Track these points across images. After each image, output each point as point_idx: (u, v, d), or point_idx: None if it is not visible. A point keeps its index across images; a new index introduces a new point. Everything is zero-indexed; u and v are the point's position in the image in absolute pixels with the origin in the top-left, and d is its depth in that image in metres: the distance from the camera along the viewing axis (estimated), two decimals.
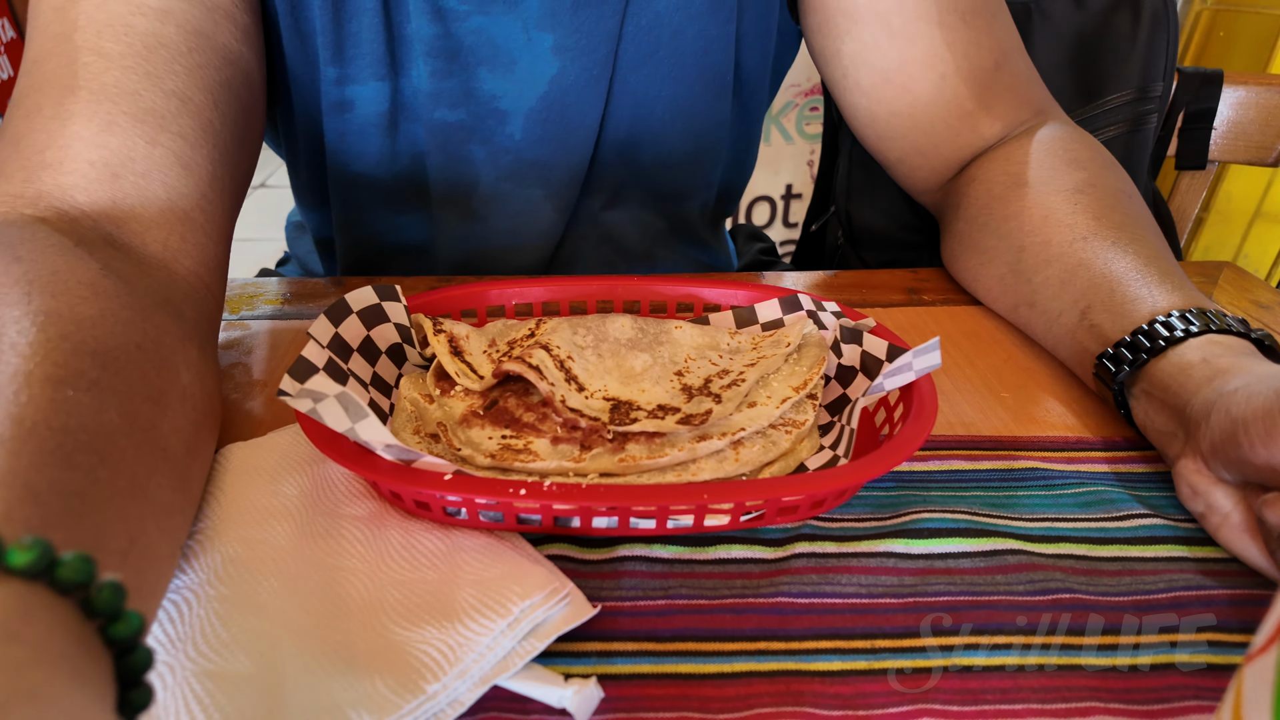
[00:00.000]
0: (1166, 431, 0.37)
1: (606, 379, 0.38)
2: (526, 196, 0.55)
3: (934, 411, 0.33)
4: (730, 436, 0.34)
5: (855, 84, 0.53)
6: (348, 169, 0.53)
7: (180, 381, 0.32)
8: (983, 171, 0.51)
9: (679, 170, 0.58)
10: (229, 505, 0.31)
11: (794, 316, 0.43)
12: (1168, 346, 0.37)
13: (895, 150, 0.55)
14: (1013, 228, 0.47)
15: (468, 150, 0.52)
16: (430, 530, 0.32)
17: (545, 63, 0.49)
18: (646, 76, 0.52)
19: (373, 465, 0.30)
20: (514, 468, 0.33)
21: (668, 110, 0.54)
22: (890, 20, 0.49)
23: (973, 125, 0.52)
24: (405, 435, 0.36)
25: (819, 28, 0.53)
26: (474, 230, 0.56)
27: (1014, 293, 0.47)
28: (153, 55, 0.39)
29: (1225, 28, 1.57)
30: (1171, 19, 0.70)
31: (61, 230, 0.34)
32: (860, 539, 0.33)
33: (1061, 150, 0.49)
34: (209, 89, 0.40)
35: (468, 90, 0.50)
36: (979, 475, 0.37)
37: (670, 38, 0.51)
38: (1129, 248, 0.42)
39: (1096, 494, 0.37)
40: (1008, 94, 0.52)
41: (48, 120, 0.37)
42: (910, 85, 0.51)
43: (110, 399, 0.26)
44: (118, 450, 0.25)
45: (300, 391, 0.29)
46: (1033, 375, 0.45)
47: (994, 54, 0.51)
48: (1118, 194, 0.46)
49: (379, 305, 0.38)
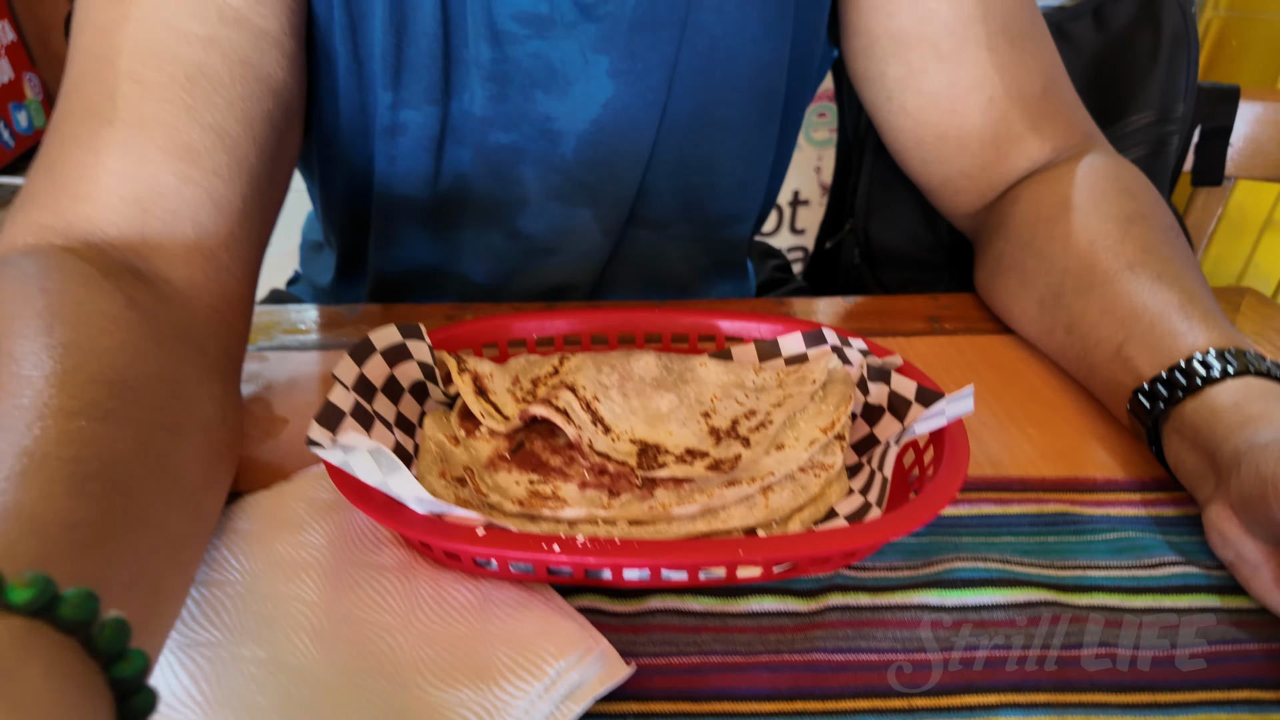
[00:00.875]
0: (1197, 474, 0.36)
1: (633, 420, 0.37)
2: (575, 216, 0.55)
3: (966, 460, 0.33)
4: (759, 482, 0.34)
5: (900, 107, 0.52)
6: (394, 192, 0.53)
7: (201, 413, 0.32)
8: (1029, 193, 0.50)
9: (727, 194, 0.58)
10: (257, 559, 0.31)
11: (818, 351, 0.43)
12: (1204, 386, 0.37)
13: (940, 174, 0.54)
14: (1058, 250, 0.47)
15: (518, 171, 0.52)
16: (460, 581, 0.31)
17: (600, 85, 0.49)
18: (700, 101, 0.52)
19: (405, 519, 0.29)
20: (543, 515, 0.33)
21: (719, 134, 0.54)
22: (939, 44, 0.49)
23: (1021, 148, 0.51)
24: (431, 479, 0.36)
25: (862, 51, 0.53)
26: (517, 249, 0.56)
27: (1052, 316, 0.47)
28: (194, 87, 0.38)
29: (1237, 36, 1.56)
30: (1192, 38, 0.69)
31: (89, 261, 0.34)
32: (894, 590, 0.33)
33: (1113, 178, 0.48)
34: (248, 122, 0.40)
35: (523, 113, 0.50)
36: (1009, 520, 0.37)
37: (725, 61, 0.51)
38: (1174, 283, 0.42)
39: (1128, 540, 0.36)
40: (1055, 117, 0.51)
41: (83, 150, 0.37)
42: (958, 108, 0.51)
43: (124, 427, 0.27)
44: (130, 478, 0.25)
45: (331, 444, 0.29)
46: (1059, 410, 0.45)
47: (1041, 77, 0.51)
48: (1166, 229, 0.45)
49: (403, 344, 0.38)
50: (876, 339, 0.51)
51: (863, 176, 0.73)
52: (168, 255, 0.37)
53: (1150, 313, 0.41)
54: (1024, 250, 0.49)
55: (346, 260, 0.63)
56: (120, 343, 0.30)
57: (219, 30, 0.39)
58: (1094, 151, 0.51)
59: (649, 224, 0.58)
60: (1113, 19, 0.70)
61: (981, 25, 0.49)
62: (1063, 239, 0.47)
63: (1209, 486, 0.35)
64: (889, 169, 0.72)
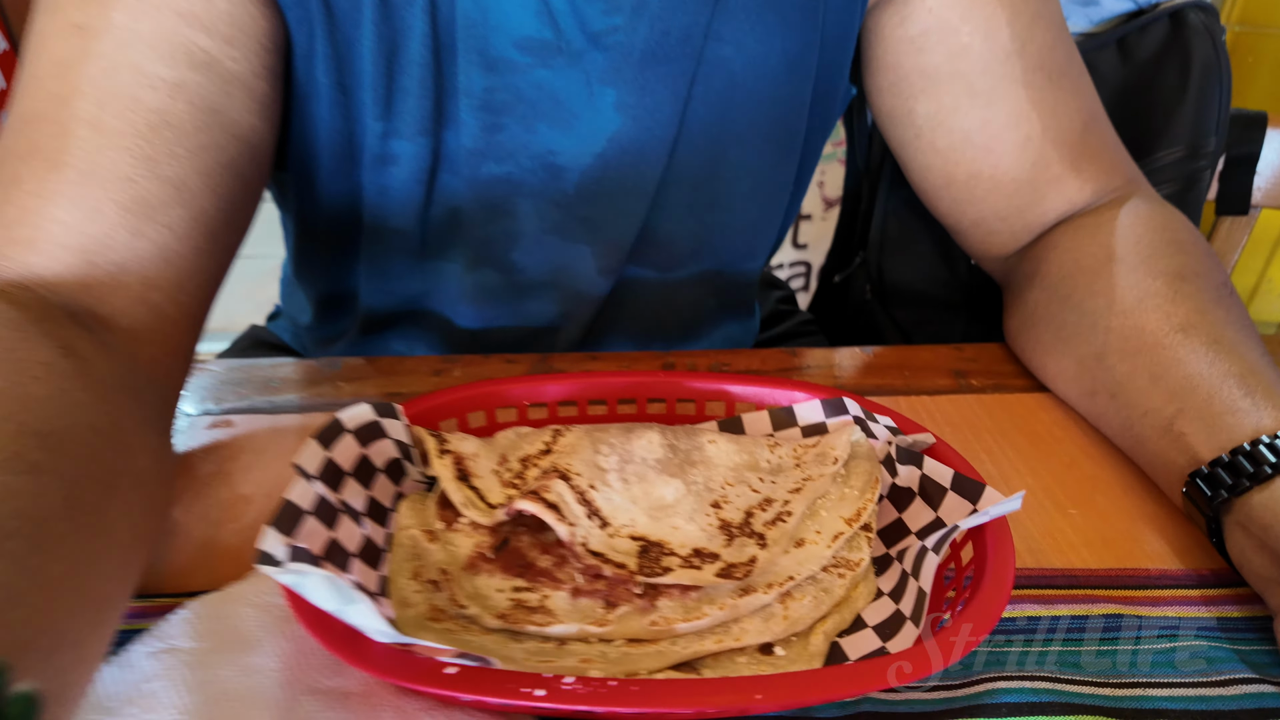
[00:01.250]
0: (1267, 577, 0.32)
1: (634, 511, 0.33)
2: (573, 252, 0.52)
3: (1013, 569, 0.29)
4: (778, 588, 0.30)
5: (930, 145, 0.49)
6: (385, 224, 0.50)
7: (136, 466, 0.30)
8: (1068, 240, 0.47)
9: (739, 235, 0.55)
10: (198, 692, 0.27)
11: (838, 421, 0.39)
12: (1274, 475, 0.33)
13: (972, 215, 0.51)
14: (1101, 305, 0.43)
15: (513, 203, 0.49)
16: (430, 710, 0.27)
17: (606, 119, 0.46)
18: (714, 140, 0.49)
19: (365, 652, 0.25)
20: (527, 631, 0.29)
21: (733, 173, 0.51)
22: (973, 81, 0.46)
23: (1059, 190, 0.48)
24: (403, 581, 0.31)
25: (889, 88, 0.49)
26: (510, 284, 0.53)
27: (1093, 378, 0.43)
28: (155, 136, 0.36)
29: (1251, 51, 1.53)
30: (1224, 68, 0.65)
31: (24, 305, 0.32)
32: (932, 718, 0.29)
33: (1160, 228, 0.44)
34: (208, 173, 0.38)
35: (522, 144, 0.46)
36: (1055, 625, 0.33)
37: (744, 100, 0.47)
38: (1232, 351, 0.38)
39: (1191, 650, 0.32)
40: (1096, 158, 0.48)
41: (27, 195, 0.35)
42: (993, 146, 0.47)
43: (52, 481, 0.25)
44: (54, 537, 0.24)
45: (286, 567, 0.25)
46: (1101, 485, 0.41)
47: (1081, 116, 0.47)
48: (1220, 287, 0.41)
49: (376, 423, 0.34)
50: (898, 397, 0.47)
51: (877, 209, 0.69)
52: (110, 305, 0.35)
53: (1207, 384, 0.37)
54: (1062, 304, 0.45)
55: (327, 297, 0.59)
56: (52, 391, 0.28)
57: (187, 75, 0.37)
58: (1137, 196, 0.47)
59: (654, 265, 0.55)
60: (1138, 50, 0.67)
61: (1018, 61, 0.45)
62: (1106, 294, 0.43)
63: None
64: (905, 203, 0.68)
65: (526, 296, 0.54)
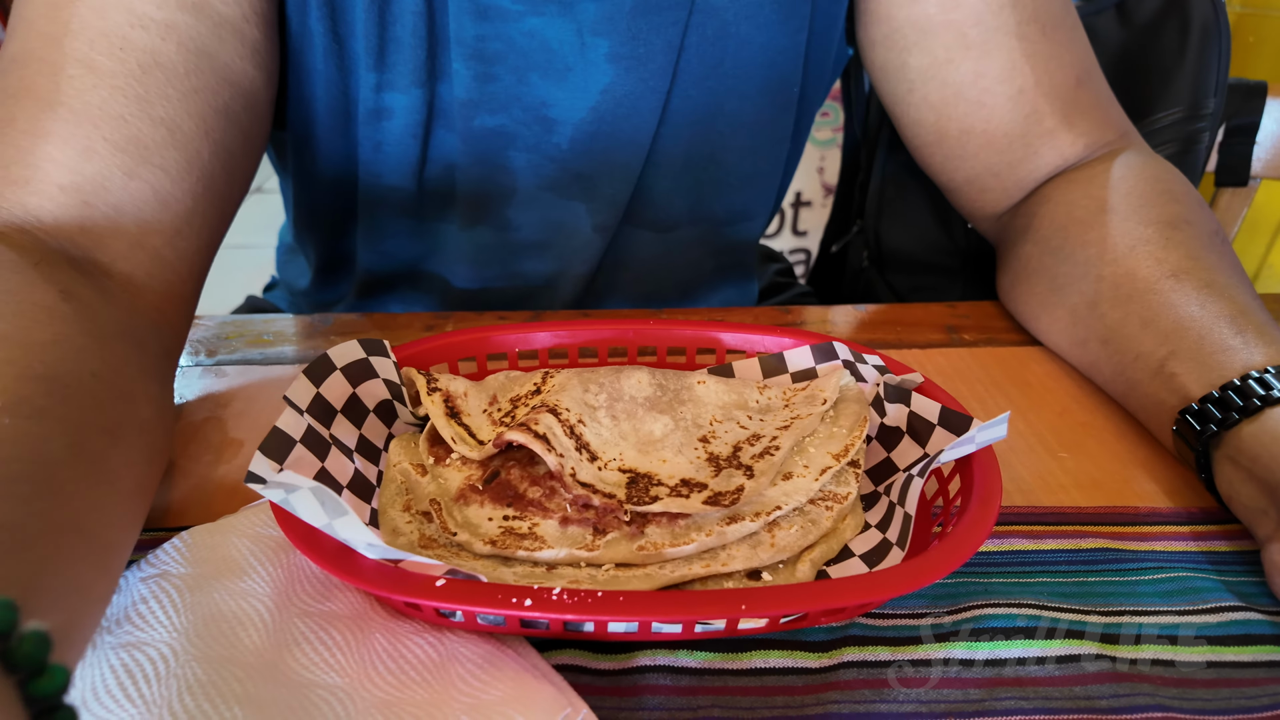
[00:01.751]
0: (1255, 507, 0.32)
1: (623, 445, 0.33)
2: (567, 209, 0.52)
3: (999, 493, 0.29)
4: (765, 517, 0.30)
5: (923, 100, 0.49)
6: (380, 180, 0.50)
7: (139, 415, 0.30)
8: (1061, 193, 0.46)
9: (736, 192, 0.55)
10: (190, 613, 0.27)
11: (828, 366, 0.39)
12: (1263, 407, 0.33)
13: (965, 170, 0.51)
14: (1093, 255, 0.43)
15: (506, 157, 0.49)
16: (421, 633, 0.27)
17: (599, 71, 0.46)
18: (709, 90, 0.49)
19: (355, 566, 0.25)
20: (517, 557, 0.29)
21: (729, 126, 0.51)
22: (966, 32, 0.46)
23: (1052, 144, 0.47)
24: (394, 513, 0.32)
25: (883, 40, 0.49)
26: (506, 242, 0.53)
27: (1085, 327, 0.43)
28: (147, 76, 0.36)
29: (1253, 31, 1.52)
30: (1223, 31, 0.65)
31: (22, 248, 0.32)
32: (917, 642, 0.29)
33: (1152, 179, 0.44)
34: (202, 117, 0.38)
35: (515, 95, 0.46)
36: (1044, 557, 0.33)
37: (736, 49, 0.47)
38: (1223, 294, 0.38)
39: (1179, 581, 0.32)
40: (1089, 112, 0.48)
41: (20, 134, 0.35)
42: (985, 100, 0.47)
43: (56, 428, 0.25)
44: (59, 481, 0.24)
45: (273, 481, 0.25)
46: (1093, 431, 0.41)
47: (1075, 69, 0.47)
48: (1212, 235, 0.41)
49: (366, 360, 0.34)
50: (890, 351, 0.47)
51: (874, 175, 0.69)
52: (109, 249, 0.35)
53: (1198, 325, 0.37)
54: (1054, 255, 0.45)
55: (326, 260, 0.59)
56: (55, 336, 0.28)
57: (177, 16, 0.37)
58: (1130, 150, 0.47)
59: (650, 224, 0.55)
60: (1137, 13, 0.66)
61: (1011, 13, 0.45)
62: (1098, 244, 0.43)
63: (1269, 523, 0.32)
64: (902, 168, 0.68)
65: (522, 256, 0.54)
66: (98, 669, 0.25)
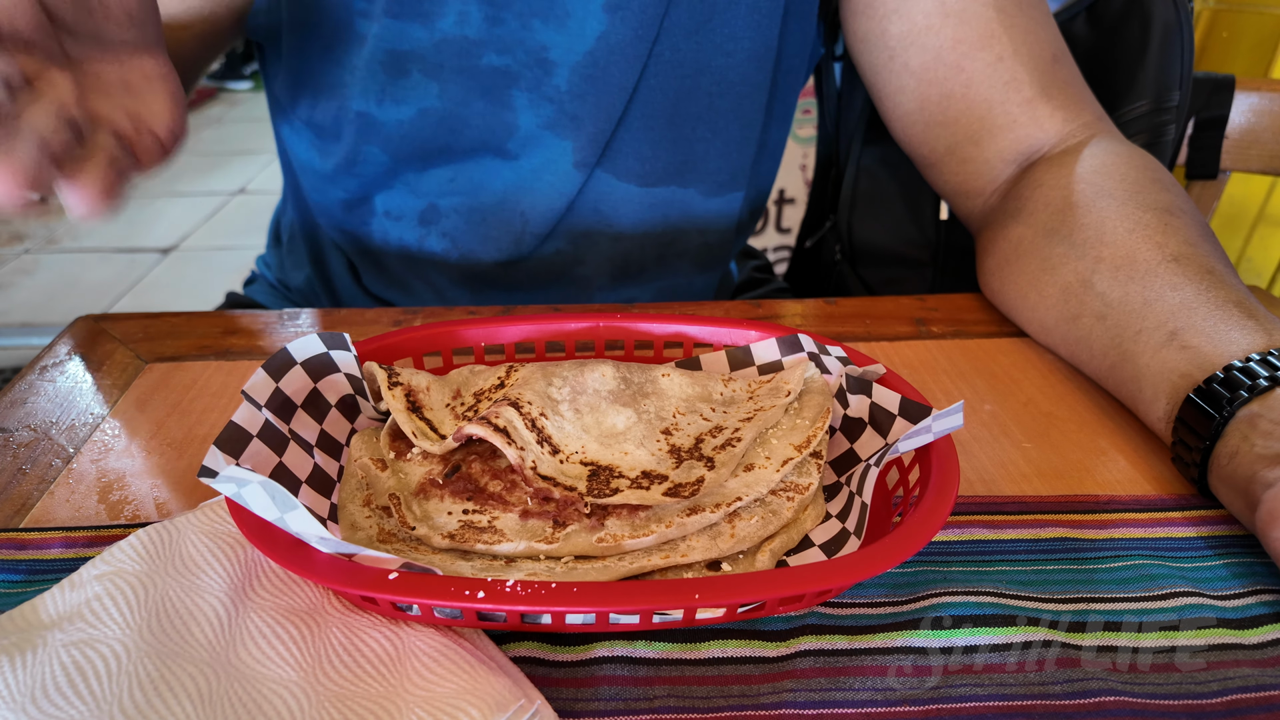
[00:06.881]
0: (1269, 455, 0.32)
1: (585, 439, 0.33)
2: (558, 147, 0.53)
3: (956, 481, 0.29)
4: (725, 508, 0.30)
5: (904, 65, 0.50)
6: (396, 121, 0.52)
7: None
8: (1052, 177, 0.47)
9: (719, 159, 0.56)
10: (143, 609, 0.27)
11: (794, 359, 0.39)
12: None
13: (946, 139, 0.51)
14: (1091, 237, 0.43)
15: (509, 96, 0.51)
16: (378, 627, 0.27)
17: (595, 19, 0.48)
18: (696, 46, 0.51)
19: (310, 562, 0.25)
20: (475, 550, 0.29)
21: (715, 84, 0.52)
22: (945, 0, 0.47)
23: (1031, 113, 0.48)
24: (353, 508, 0.31)
25: (863, 9, 0.51)
26: (501, 171, 0.54)
27: (1079, 303, 0.43)
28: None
29: (1228, 28, 1.54)
30: (1185, 29, 0.66)
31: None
32: (874, 630, 0.29)
33: (1143, 166, 0.45)
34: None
35: (519, 39, 0.49)
36: (1003, 546, 0.33)
37: (725, 6, 0.50)
38: (1224, 280, 0.39)
39: (1133, 568, 0.33)
40: (1066, 88, 0.49)
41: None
42: (965, 64, 0.48)
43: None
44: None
45: (225, 475, 0.25)
46: (1056, 422, 0.41)
47: (1050, 46, 0.49)
48: (1204, 225, 0.43)
49: (326, 354, 0.34)
50: (859, 344, 0.47)
51: (848, 169, 0.69)
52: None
53: (1207, 305, 0.38)
54: (1049, 237, 0.46)
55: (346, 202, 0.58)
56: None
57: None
58: (1109, 136, 0.48)
59: (635, 177, 0.55)
60: (1105, 15, 0.68)
61: None
62: (1096, 227, 0.43)
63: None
64: (877, 161, 0.68)
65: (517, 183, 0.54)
66: (47, 667, 0.25)
